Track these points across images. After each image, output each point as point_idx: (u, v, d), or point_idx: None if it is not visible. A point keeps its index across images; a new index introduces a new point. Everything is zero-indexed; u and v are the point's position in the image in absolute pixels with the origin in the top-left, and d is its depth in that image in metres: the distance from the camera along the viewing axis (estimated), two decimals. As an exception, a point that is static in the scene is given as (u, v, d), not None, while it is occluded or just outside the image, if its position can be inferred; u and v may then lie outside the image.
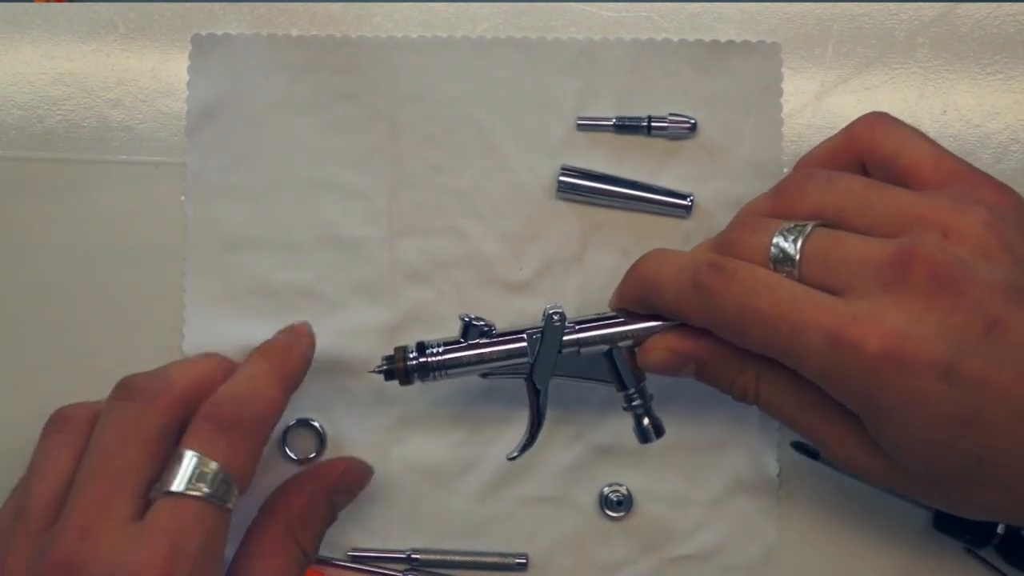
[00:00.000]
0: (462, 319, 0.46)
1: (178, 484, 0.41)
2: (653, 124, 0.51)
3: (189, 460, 0.41)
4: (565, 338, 0.46)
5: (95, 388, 0.48)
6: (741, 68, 0.52)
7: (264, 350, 0.47)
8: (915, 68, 0.52)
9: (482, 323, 0.46)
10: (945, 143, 0.45)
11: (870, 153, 0.45)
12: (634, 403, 0.47)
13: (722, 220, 0.51)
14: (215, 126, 0.52)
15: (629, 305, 0.46)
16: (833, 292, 0.41)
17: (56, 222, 0.52)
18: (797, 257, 0.42)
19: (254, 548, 0.45)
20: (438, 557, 0.51)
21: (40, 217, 0.52)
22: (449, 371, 0.46)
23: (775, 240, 0.42)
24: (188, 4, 0.53)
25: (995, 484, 0.40)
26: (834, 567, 0.51)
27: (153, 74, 0.53)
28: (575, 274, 0.52)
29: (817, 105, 0.52)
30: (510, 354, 0.46)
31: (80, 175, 0.52)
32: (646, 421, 0.47)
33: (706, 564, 0.51)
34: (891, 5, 0.53)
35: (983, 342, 0.38)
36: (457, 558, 0.51)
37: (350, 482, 0.49)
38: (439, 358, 0.46)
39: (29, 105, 0.53)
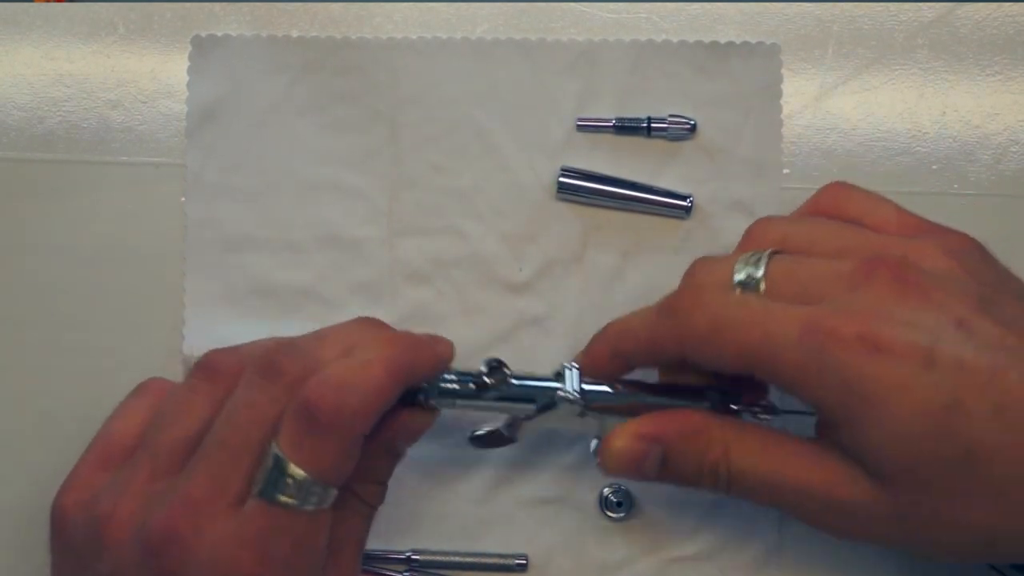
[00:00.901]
0: (489, 363, 0.44)
1: (261, 489, 0.39)
2: (653, 125, 0.51)
3: (272, 463, 0.39)
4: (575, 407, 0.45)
5: (95, 389, 0.48)
6: (741, 69, 0.52)
7: (393, 337, 0.43)
8: (915, 69, 0.53)
9: (506, 370, 0.44)
10: (944, 144, 0.45)
11: (836, 215, 0.46)
12: None
13: (721, 221, 0.51)
14: (215, 127, 0.52)
15: (597, 369, 0.45)
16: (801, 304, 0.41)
17: (56, 223, 0.52)
18: (761, 275, 0.42)
19: None
20: (438, 558, 0.50)
21: (40, 218, 0.52)
22: (446, 400, 0.44)
23: (736, 267, 0.43)
24: (188, 5, 0.53)
25: (988, 487, 0.39)
26: (834, 567, 0.50)
27: (153, 75, 0.53)
28: (575, 274, 0.52)
29: (817, 106, 0.52)
30: (511, 410, 0.45)
31: (80, 176, 0.52)
32: None
33: (707, 565, 0.51)
34: (891, 6, 0.53)
35: (956, 333, 0.39)
36: (457, 559, 0.51)
37: (410, 430, 0.44)
38: (449, 386, 0.44)
39: (29, 106, 0.53)
